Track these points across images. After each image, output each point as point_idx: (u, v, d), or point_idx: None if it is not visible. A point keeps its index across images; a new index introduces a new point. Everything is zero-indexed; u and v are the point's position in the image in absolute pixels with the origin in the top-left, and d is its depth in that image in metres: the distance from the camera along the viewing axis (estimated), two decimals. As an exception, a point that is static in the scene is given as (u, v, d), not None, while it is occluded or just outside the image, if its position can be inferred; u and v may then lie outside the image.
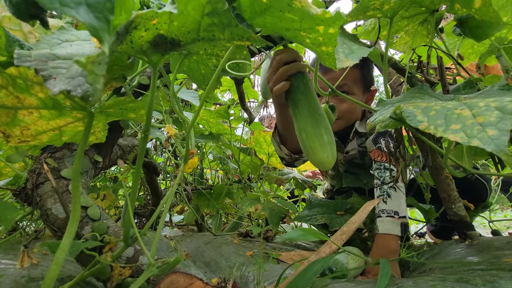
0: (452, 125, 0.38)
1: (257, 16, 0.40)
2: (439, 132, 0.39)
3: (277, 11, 0.38)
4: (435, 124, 0.40)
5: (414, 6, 0.71)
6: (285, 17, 0.38)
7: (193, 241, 1.12)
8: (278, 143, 1.06)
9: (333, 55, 0.46)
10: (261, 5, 0.37)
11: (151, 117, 0.44)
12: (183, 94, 0.92)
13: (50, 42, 0.36)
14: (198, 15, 0.34)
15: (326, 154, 0.56)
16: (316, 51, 0.46)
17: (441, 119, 0.40)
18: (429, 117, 0.42)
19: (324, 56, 0.46)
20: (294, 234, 0.55)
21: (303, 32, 0.41)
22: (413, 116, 0.43)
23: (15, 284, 0.55)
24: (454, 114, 0.40)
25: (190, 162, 0.57)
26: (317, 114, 0.59)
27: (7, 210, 0.45)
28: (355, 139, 1.21)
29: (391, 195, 0.88)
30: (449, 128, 0.38)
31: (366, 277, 0.77)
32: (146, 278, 0.44)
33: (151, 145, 1.50)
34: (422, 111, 0.44)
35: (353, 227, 0.62)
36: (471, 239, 0.78)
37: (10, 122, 0.41)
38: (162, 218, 0.52)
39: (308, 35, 0.42)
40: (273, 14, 0.39)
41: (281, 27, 0.42)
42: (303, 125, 0.59)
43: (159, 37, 0.35)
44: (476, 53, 0.91)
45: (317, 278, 0.56)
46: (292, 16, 0.38)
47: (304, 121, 0.58)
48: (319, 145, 0.56)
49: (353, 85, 1.08)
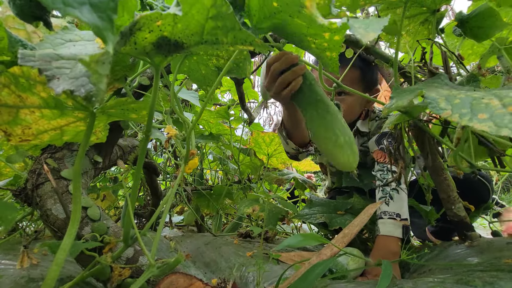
0: (479, 114, 0.36)
1: (265, 20, 0.40)
2: (464, 121, 0.36)
3: (286, 15, 0.38)
4: (460, 112, 0.38)
5: (415, 6, 0.71)
6: (293, 22, 0.39)
7: (193, 241, 1.12)
8: (285, 138, 1.07)
9: (336, 60, 0.46)
10: (271, 9, 0.38)
11: (153, 118, 0.44)
12: (184, 95, 0.92)
13: (53, 42, 0.36)
14: (203, 18, 0.34)
15: (346, 156, 0.54)
16: (319, 55, 0.47)
17: (467, 108, 0.38)
18: (453, 105, 0.40)
19: (327, 61, 0.46)
20: (293, 241, 0.54)
21: (309, 38, 0.42)
22: (436, 103, 0.41)
23: (14, 284, 0.55)
24: (481, 104, 0.38)
25: (190, 162, 0.57)
26: (328, 114, 0.55)
27: (7, 210, 0.45)
28: (357, 138, 1.21)
29: (394, 197, 0.88)
30: (475, 116, 0.36)
31: (366, 278, 0.77)
32: (146, 279, 0.44)
33: (151, 145, 1.50)
34: (445, 98, 0.42)
35: (355, 230, 0.62)
36: (471, 240, 0.78)
37: (11, 121, 0.41)
38: (162, 219, 0.52)
39: (314, 41, 0.42)
40: (282, 18, 0.39)
41: (288, 32, 0.42)
42: (316, 130, 0.56)
43: (163, 39, 0.35)
44: (476, 54, 0.92)
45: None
46: (300, 21, 0.38)
47: (317, 126, 0.55)
48: (336, 147, 0.54)
49: (352, 85, 1.07)
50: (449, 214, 0.81)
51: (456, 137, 0.62)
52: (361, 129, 1.18)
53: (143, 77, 0.77)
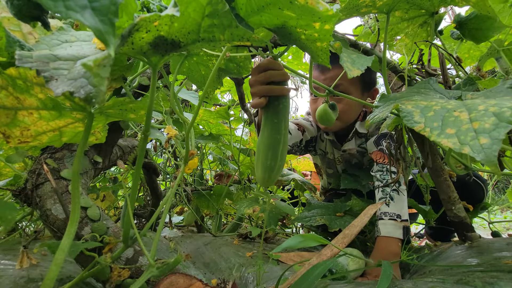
0: (447, 128, 0.37)
1: (253, 14, 0.40)
2: (433, 136, 0.37)
3: (275, 8, 0.38)
4: (431, 126, 0.39)
5: (414, 8, 0.71)
6: (282, 14, 0.39)
7: (193, 242, 1.12)
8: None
9: (327, 51, 0.46)
10: (260, 2, 0.37)
11: (151, 118, 0.44)
12: (184, 95, 0.92)
13: (49, 43, 0.36)
14: (199, 16, 0.34)
15: (263, 176, 0.59)
16: (310, 47, 0.47)
17: (438, 122, 0.39)
18: (426, 118, 0.41)
19: (318, 52, 0.46)
20: (293, 242, 0.54)
21: (299, 29, 0.42)
22: (410, 116, 0.42)
23: (14, 284, 0.55)
24: (451, 117, 0.39)
25: (190, 163, 0.57)
26: (274, 139, 0.59)
27: (7, 211, 0.45)
28: (354, 139, 1.21)
29: (394, 198, 0.88)
30: (444, 131, 0.37)
31: (366, 278, 0.77)
32: (146, 279, 0.44)
33: (151, 145, 1.50)
34: (420, 111, 0.43)
35: (355, 231, 0.62)
36: (471, 241, 0.78)
37: (10, 123, 0.41)
38: (162, 219, 0.52)
39: (304, 32, 0.42)
40: (271, 11, 0.39)
41: (276, 24, 0.42)
42: (259, 141, 0.60)
43: (160, 38, 0.35)
44: (472, 58, 0.93)
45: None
46: (290, 13, 0.38)
47: (261, 140, 0.60)
48: (260, 165, 0.59)
49: (349, 85, 1.07)
50: (450, 215, 0.81)
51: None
52: (359, 131, 1.18)
53: (143, 77, 0.78)
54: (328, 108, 0.78)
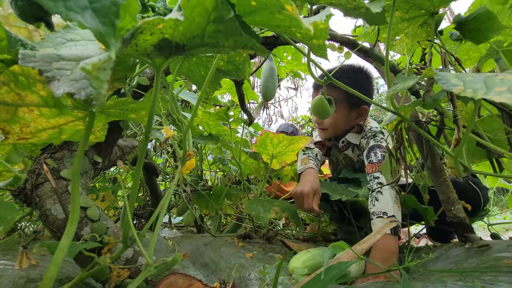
0: (496, 87, 0.35)
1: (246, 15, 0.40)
2: (480, 94, 0.35)
3: (267, 12, 0.38)
4: (473, 87, 0.36)
5: (414, 8, 0.71)
6: (275, 17, 0.39)
7: (193, 242, 1.11)
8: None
9: (324, 47, 0.46)
10: (250, 7, 0.38)
11: (153, 118, 0.44)
12: (183, 95, 0.92)
13: (54, 41, 0.35)
14: (204, 21, 0.34)
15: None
16: (307, 43, 0.47)
17: (480, 83, 0.37)
18: (465, 82, 0.38)
19: (315, 48, 0.47)
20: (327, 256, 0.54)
21: (294, 28, 0.42)
22: (446, 79, 0.40)
23: (13, 285, 0.55)
24: (495, 79, 0.37)
25: (187, 163, 0.57)
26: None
27: (7, 211, 0.45)
28: (351, 149, 1.28)
29: (379, 198, 0.93)
30: (492, 90, 0.35)
31: (366, 279, 0.77)
32: (144, 278, 0.44)
33: (150, 146, 1.50)
34: (456, 76, 0.40)
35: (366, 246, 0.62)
36: (471, 243, 0.78)
37: (10, 119, 0.41)
38: (159, 219, 0.52)
39: (299, 31, 0.42)
40: (263, 14, 0.39)
41: (271, 24, 0.42)
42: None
43: (164, 41, 0.35)
44: (471, 60, 0.93)
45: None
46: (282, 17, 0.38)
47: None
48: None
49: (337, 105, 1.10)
50: (449, 216, 0.82)
51: (455, 138, 0.62)
52: (351, 141, 1.25)
53: (142, 78, 0.77)
54: (324, 99, 0.75)
